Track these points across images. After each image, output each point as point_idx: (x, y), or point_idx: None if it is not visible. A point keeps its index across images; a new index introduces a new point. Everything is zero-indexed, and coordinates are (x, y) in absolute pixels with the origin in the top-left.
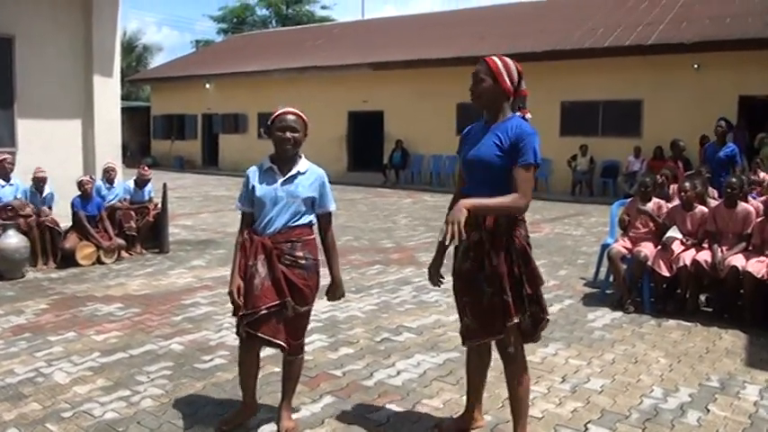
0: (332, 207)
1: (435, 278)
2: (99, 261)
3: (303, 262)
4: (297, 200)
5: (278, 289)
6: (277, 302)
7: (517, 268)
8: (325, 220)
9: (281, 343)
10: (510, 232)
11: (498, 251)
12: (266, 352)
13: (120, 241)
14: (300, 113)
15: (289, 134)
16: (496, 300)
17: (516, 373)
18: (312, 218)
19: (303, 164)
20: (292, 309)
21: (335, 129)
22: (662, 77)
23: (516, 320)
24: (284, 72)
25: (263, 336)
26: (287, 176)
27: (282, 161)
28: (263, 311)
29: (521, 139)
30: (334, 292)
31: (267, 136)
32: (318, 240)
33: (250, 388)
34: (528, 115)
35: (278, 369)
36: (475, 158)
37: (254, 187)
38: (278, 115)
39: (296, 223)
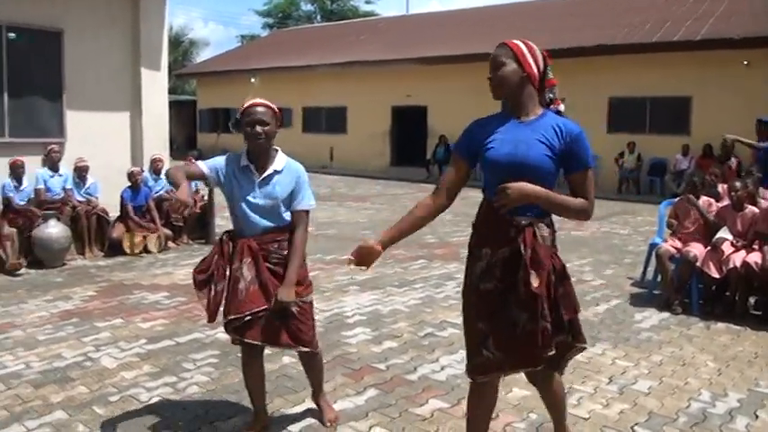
0: (306, 205)
1: (352, 255)
2: (146, 250)
3: None
4: (276, 201)
5: (266, 293)
6: (264, 307)
7: (554, 290)
8: (298, 217)
9: (277, 347)
10: (552, 247)
11: (540, 270)
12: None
13: (167, 231)
14: (270, 104)
15: (259, 128)
16: (532, 327)
17: (555, 395)
18: None
19: (280, 160)
20: (295, 304)
21: (379, 124)
22: (711, 73)
23: (553, 351)
24: (328, 67)
25: (249, 341)
26: (263, 176)
27: (257, 157)
28: (248, 317)
29: (574, 139)
30: (282, 292)
31: (236, 130)
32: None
33: (258, 394)
34: (561, 107)
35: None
36: (516, 160)
37: (231, 185)
38: (246, 108)
39: (280, 224)
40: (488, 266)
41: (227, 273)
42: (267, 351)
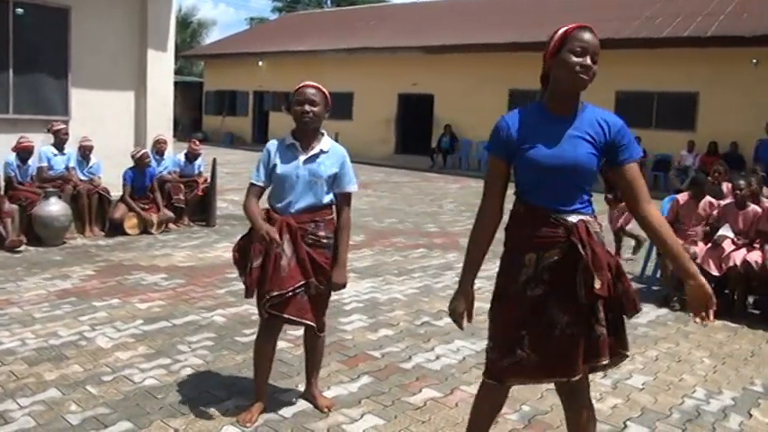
0: (351, 188)
1: (462, 319)
2: (146, 231)
3: (325, 241)
4: (320, 179)
5: (303, 269)
6: (302, 283)
7: (613, 289)
8: (343, 200)
9: (310, 322)
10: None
11: (601, 270)
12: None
13: (169, 213)
14: (321, 87)
15: (308, 107)
16: (572, 331)
17: (590, 420)
18: (332, 197)
19: (326, 142)
20: (315, 288)
21: (384, 111)
22: (719, 71)
23: (606, 361)
24: (336, 52)
25: (289, 316)
26: (309, 155)
27: (304, 137)
28: (289, 293)
29: (619, 131)
30: (337, 274)
31: (288, 112)
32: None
33: (265, 373)
34: None
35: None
36: (562, 161)
37: (275, 164)
38: (298, 89)
39: (319, 203)
40: (536, 273)
41: (265, 250)
42: None
